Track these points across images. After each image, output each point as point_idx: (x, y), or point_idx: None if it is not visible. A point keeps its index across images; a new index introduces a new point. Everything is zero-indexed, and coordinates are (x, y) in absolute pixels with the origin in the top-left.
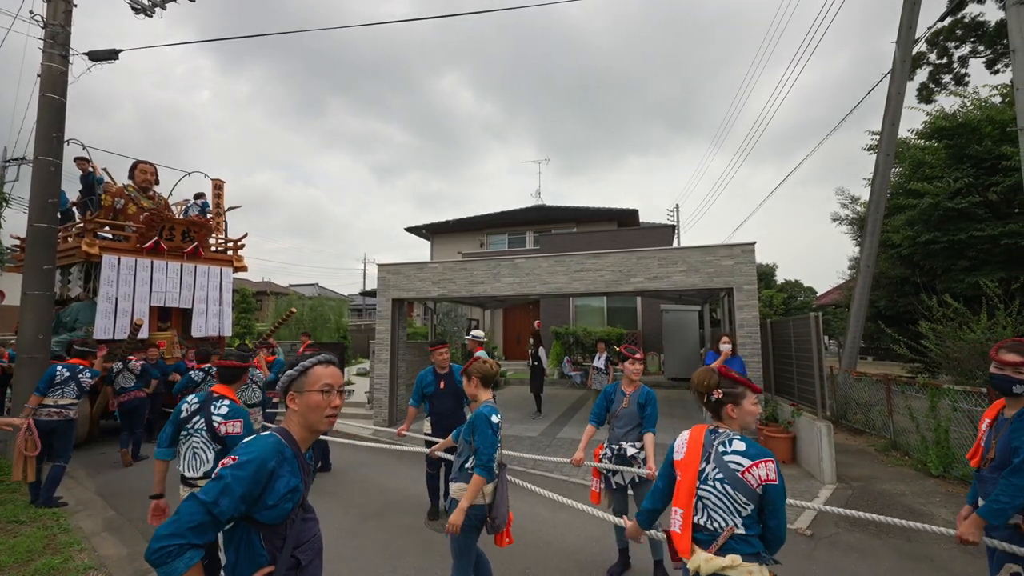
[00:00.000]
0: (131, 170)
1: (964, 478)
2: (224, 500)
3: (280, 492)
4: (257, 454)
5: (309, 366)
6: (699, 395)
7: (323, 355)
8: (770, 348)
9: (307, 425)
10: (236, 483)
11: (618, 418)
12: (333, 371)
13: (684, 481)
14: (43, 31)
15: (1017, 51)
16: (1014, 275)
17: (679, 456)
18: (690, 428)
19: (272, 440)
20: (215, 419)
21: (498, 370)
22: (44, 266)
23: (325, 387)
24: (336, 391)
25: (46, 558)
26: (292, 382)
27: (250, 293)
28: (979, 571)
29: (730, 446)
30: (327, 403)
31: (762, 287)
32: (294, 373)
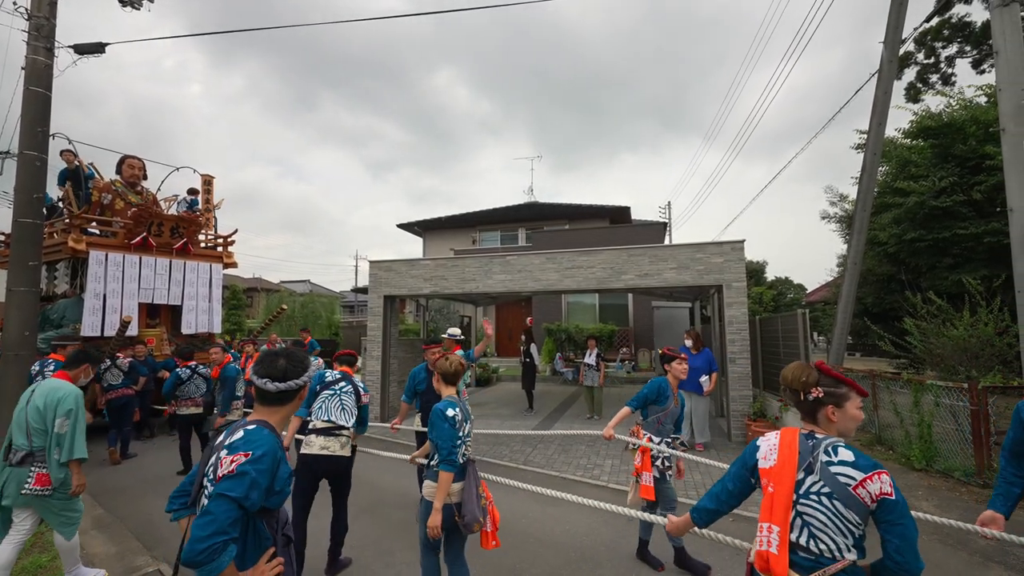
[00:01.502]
0: (119, 165)
1: (946, 471)
2: (254, 493)
3: (283, 478)
4: (269, 447)
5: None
6: (792, 393)
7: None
8: (759, 344)
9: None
10: (261, 476)
11: (668, 416)
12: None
13: (779, 494)
14: (27, 23)
15: (1000, 52)
16: (996, 273)
17: (768, 463)
18: (779, 430)
19: (268, 432)
20: (360, 388)
21: (459, 369)
22: (30, 262)
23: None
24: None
25: (33, 556)
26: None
27: (240, 290)
28: (959, 562)
29: (836, 455)
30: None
31: (752, 284)
32: (306, 379)
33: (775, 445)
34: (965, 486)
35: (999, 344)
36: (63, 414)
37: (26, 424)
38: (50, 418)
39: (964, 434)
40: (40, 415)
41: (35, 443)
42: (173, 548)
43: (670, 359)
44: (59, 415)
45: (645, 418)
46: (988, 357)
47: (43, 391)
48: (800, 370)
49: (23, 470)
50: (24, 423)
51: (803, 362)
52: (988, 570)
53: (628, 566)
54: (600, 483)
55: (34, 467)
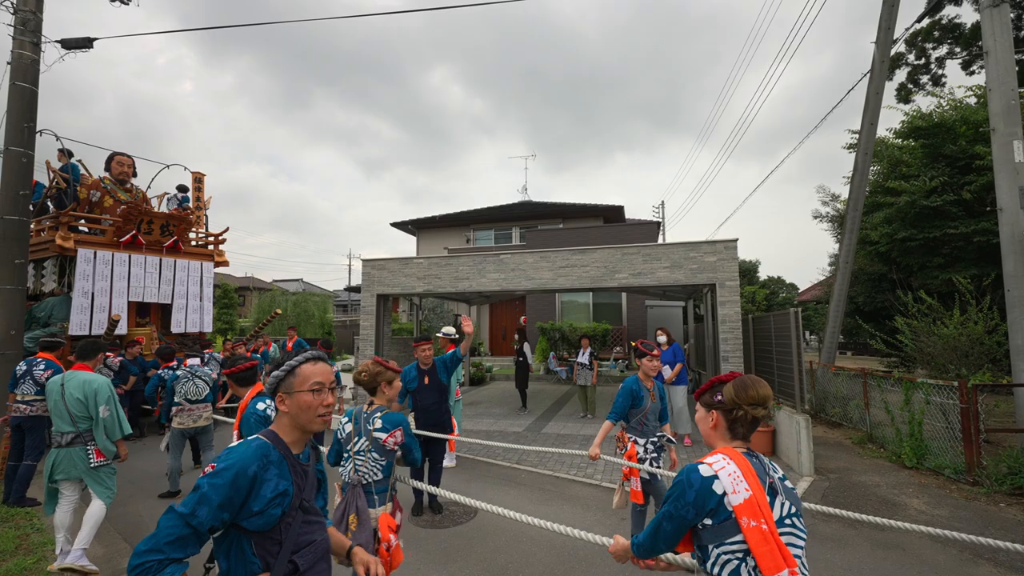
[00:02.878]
0: (107, 162)
1: (936, 469)
2: (201, 510)
3: (267, 497)
4: (235, 460)
5: (296, 365)
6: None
7: (311, 351)
8: (751, 343)
9: (298, 426)
10: (213, 492)
11: (649, 414)
12: (323, 368)
13: (771, 534)
14: (13, 17)
15: (991, 52)
16: (986, 272)
17: (740, 497)
18: (719, 454)
19: (255, 444)
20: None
21: (365, 379)
22: (16, 260)
23: (315, 386)
24: (328, 388)
25: (18, 558)
26: (280, 383)
27: (232, 288)
28: (948, 559)
29: (777, 470)
30: (319, 402)
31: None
32: (281, 374)
33: (738, 474)
34: (955, 483)
35: (988, 343)
36: (103, 402)
37: (68, 413)
38: (92, 407)
39: (954, 432)
40: (83, 405)
41: (81, 427)
42: None
43: (643, 354)
44: (100, 404)
45: (628, 423)
46: (978, 355)
47: (77, 384)
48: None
49: (76, 449)
50: (65, 412)
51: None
52: (977, 567)
53: (621, 566)
54: (594, 482)
55: (89, 445)
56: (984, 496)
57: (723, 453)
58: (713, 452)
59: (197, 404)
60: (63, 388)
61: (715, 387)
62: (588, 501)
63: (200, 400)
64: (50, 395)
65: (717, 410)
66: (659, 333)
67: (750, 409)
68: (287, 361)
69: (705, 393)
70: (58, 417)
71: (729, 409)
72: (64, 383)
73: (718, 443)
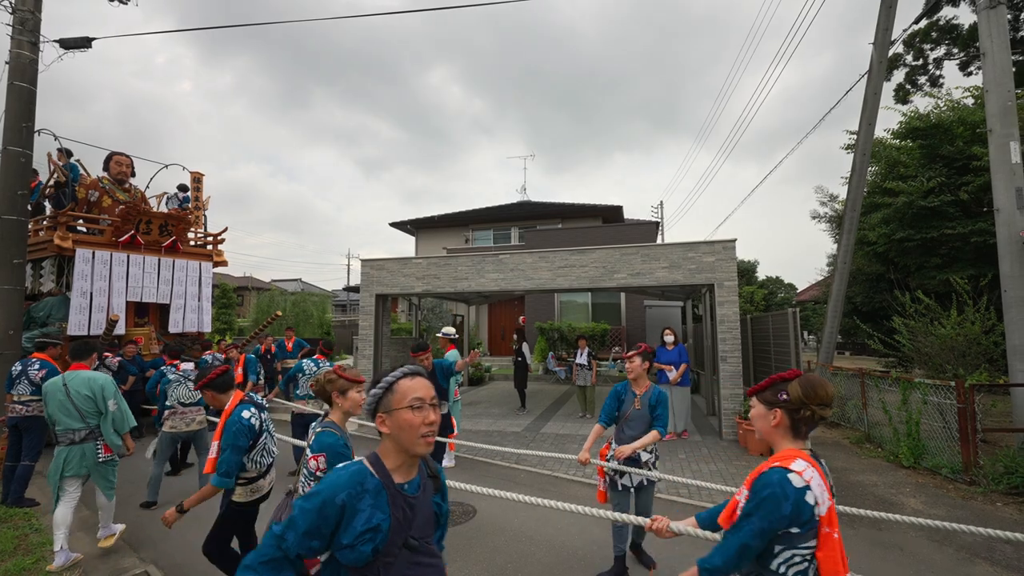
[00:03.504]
0: (106, 162)
1: (934, 468)
2: (289, 535)
3: (357, 530)
4: (326, 486)
5: (393, 380)
6: (831, 409)
7: (408, 367)
8: (750, 343)
9: (401, 449)
10: (301, 517)
11: (629, 420)
12: (421, 383)
13: (839, 542)
14: (11, 17)
15: (988, 54)
16: (983, 272)
17: (824, 507)
18: (799, 459)
19: (351, 470)
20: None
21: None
22: (14, 260)
23: (415, 402)
24: (428, 405)
25: (17, 559)
26: (378, 402)
27: (231, 288)
28: (945, 557)
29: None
30: (420, 420)
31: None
32: (378, 391)
33: (819, 483)
34: (952, 483)
35: (985, 343)
36: (111, 397)
37: (77, 411)
38: (100, 402)
39: (951, 431)
40: (91, 401)
41: (91, 422)
42: (160, 549)
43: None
44: (108, 398)
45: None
46: (975, 355)
47: (82, 382)
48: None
49: (88, 445)
50: (74, 410)
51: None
52: (974, 566)
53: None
54: (592, 482)
55: (98, 441)
56: (981, 495)
57: (801, 458)
58: (788, 456)
59: (190, 407)
60: (67, 387)
61: (777, 385)
62: (587, 501)
63: (193, 403)
64: (52, 396)
65: (781, 409)
66: (667, 332)
67: (818, 409)
68: (383, 377)
69: (765, 391)
70: (66, 416)
71: (796, 408)
72: (67, 383)
73: (779, 442)
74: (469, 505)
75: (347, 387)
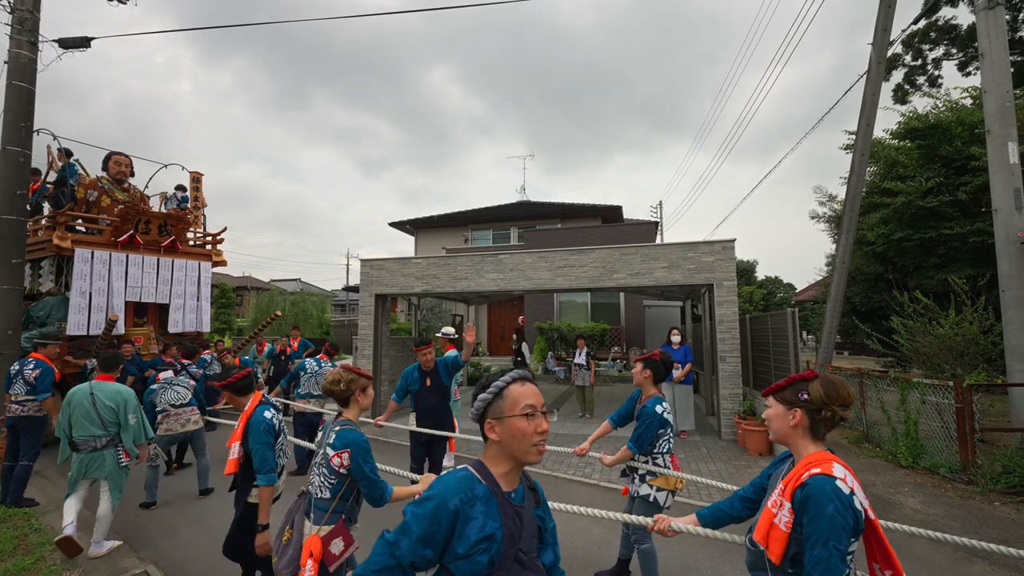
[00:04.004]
0: (105, 161)
1: (932, 468)
2: (403, 541)
3: (471, 539)
4: (437, 491)
5: (504, 386)
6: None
7: (517, 371)
8: (749, 343)
9: (511, 457)
10: (414, 522)
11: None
12: (532, 389)
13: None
14: (10, 16)
15: (986, 54)
16: (981, 272)
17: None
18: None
19: (460, 475)
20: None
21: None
22: (13, 260)
23: (527, 409)
24: (540, 412)
25: (16, 559)
26: (488, 407)
27: (230, 288)
28: (944, 557)
29: None
30: (533, 428)
31: (743, 283)
32: (488, 396)
33: (856, 484)
34: (950, 482)
35: (983, 342)
36: (132, 411)
37: (100, 419)
38: (122, 414)
39: (949, 431)
40: (114, 412)
41: (111, 431)
42: (160, 549)
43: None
44: (129, 412)
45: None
46: (973, 355)
47: (107, 394)
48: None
49: (108, 452)
50: (97, 418)
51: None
52: (972, 565)
53: None
54: (591, 481)
55: (119, 447)
56: (979, 495)
57: (837, 463)
58: (822, 460)
59: (183, 408)
60: (93, 396)
61: (797, 384)
62: (586, 500)
63: (185, 404)
64: (79, 404)
65: (802, 409)
66: (674, 333)
67: (839, 410)
68: (492, 382)
69: (784, 390)
70: (89, 423)
71: (816, 409)
72: (94, 392)
73: (798, 443)
74: None
75: (367, 385)
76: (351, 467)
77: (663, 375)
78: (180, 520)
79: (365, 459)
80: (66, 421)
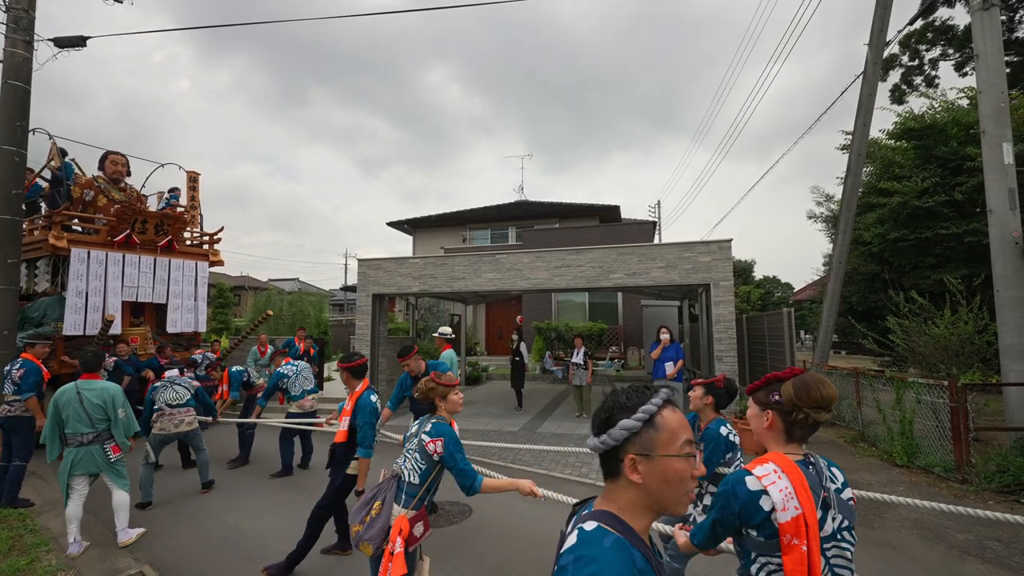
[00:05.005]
0: (101, 161)
1: (927, 467)
2: None
3: None
4: (602, 568)
5: (655, 411)
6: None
7: (663, 389)
8: (745, 343)
9: (654, 506)
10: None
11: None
12: (682, 418)
13: (814, 550)
14: (5, 15)
15: (981, 55)
16: (976, 272)
17: (788, 515)
18: (769, 463)
19: (614, 545)
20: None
21: (419, 396)
22: (8, 259)
23: (687, 447)
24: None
25: (11, 559)
26: (633, 437)
27: (227, 288)
28: (937, 556)
29: (836, 477)
30: (691, 472)
31: (740, 283)
32: (636, 424)
33: (789, 489)
34: (944, 481)
35: (978, 342)
36: (120, 406)
37: (87, 416)
38: (111, 410)
39: (944, 431)
40: (102, 409)
41: (99, 427)
42: (154, 550)
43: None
44: (118, 407)
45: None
46: (968, 355)
47: (95, 392)
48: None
49: (95, 447)
50: (84, 416)
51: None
52: (965, 563)
53: None
54: (588, 480)
55: (107, 443)
56: (973, 494)
57: (776, 463)
58: (764, 459)
59: (178, 408)
60: (80, 396)
61: (771, 384)
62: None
63: (181, 404)
64: (68, 404)
65: (773, 410)
66: (662, 331)
67: (811, 412)
68: (638, 407)
69: (759, 390)
70: (76, 420)
71: (788, 411)
72: (80, 391)
73: (771, 445)
74: (465, 504)
75: (446, 392)
76: (444, 455)
77: (726, 402)
78: (176, 520)
79: (457, 449)
80: (55, 422)
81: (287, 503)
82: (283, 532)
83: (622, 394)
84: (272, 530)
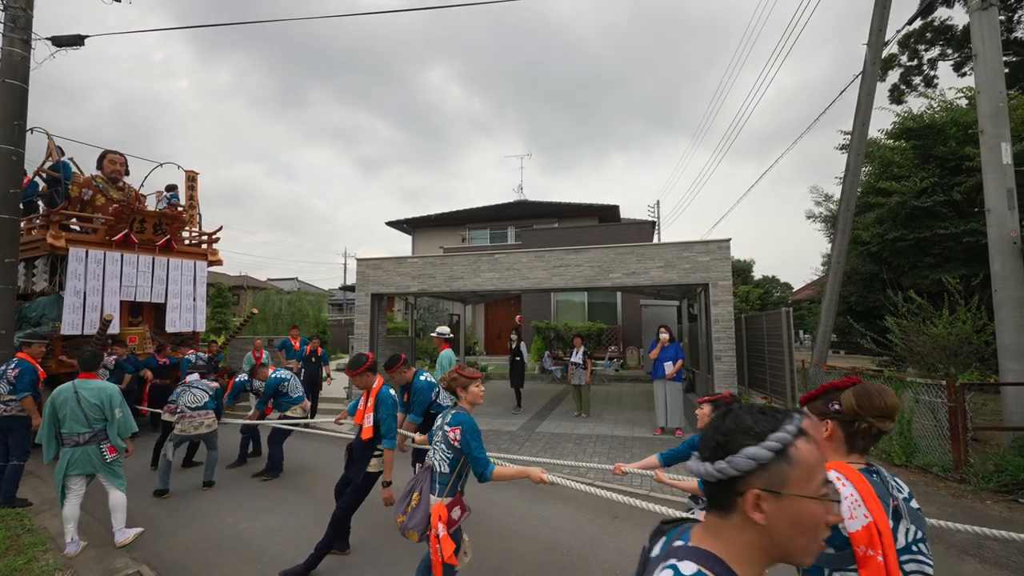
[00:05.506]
0: (99, 160)
1: (925, 467)
2: None
3: None
4: None
5: (790, 441)
6: (893, 421)
7: (796, 415)
8: (744, 342)
9: (776, 552)
10: None
11: None
12: (820, 455)
13: (891, 561)
14: (2, 14)
15: (979, 55)
16: (974, 272)
17: (857, 524)
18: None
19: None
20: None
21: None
22: (6, 259)
23: (824, 489)
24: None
25: (8, 559)
26: (761, 469)
27: (226, 287)
28: (935, 555)
29: (903, 488)
30: (825, 519)
31: (739, 283)
32: (766, 455)
33: (856, 496)
34: (943, 481)
35: (976, 342)
36: (117, 406)
37: (84, 416)
38: (108, 410)
39: (942, 430)
40: (99, 408)
41: (96, 427)
42: (152, 549)
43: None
44: (115, 407)
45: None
46: (966, 354)
47: (92, 392)
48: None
49: (91, 448)
50: (81, 416)
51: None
52: (963, 563)
53: (613, 562)
54: (586, 480)
55: (103, 443)
56: (971, 493)
57: (838, 470)
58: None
59: (197, 411)
60: (77, 395)
61: (829, 393)
62: (580, 501)
63: (200, 407)
64: (65, 403)
65: (833, 420)
66: (661, 330)
67: (876, 421)
68: (768, 433)
69: (816, 400)
70: (73, 420)
71: (850, 420)
72: (78, 390)
73: (830, 455)
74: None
75: (467, 383)
76: (461, 442)
77: None
78: (173, 520)
79: (473, 437)
80: (51, 422)
81: (284, 502)
82: (280, 531)
83: (746, 414)
84: (269, 529)
